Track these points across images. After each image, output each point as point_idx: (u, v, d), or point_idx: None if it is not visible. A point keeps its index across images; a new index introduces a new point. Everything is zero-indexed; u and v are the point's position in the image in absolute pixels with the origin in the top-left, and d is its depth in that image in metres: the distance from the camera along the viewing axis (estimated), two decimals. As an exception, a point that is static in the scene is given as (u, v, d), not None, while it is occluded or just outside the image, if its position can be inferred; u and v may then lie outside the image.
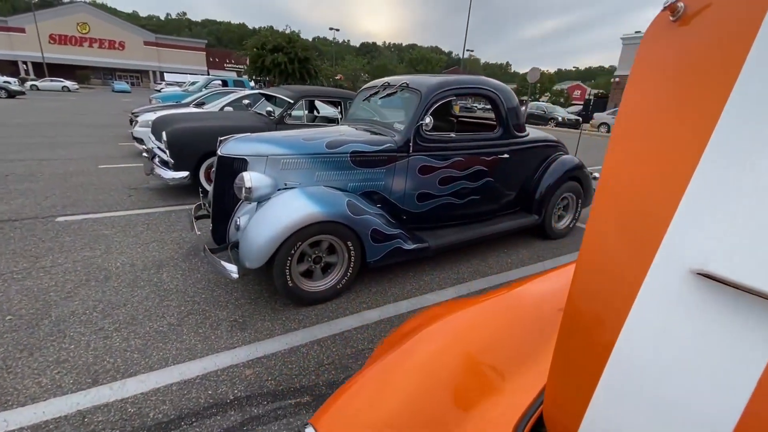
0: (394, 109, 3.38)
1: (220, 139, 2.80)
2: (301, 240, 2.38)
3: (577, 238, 4.10)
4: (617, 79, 25.22)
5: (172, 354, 2.04)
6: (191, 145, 4.57)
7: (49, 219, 3.83)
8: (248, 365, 1.98)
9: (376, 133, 3.02)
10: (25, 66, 45.36)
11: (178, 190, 5.13)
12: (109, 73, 53.71)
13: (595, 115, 21.08)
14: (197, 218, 3.12)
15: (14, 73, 41.49)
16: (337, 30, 50.03)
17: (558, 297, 1.18)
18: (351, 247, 2.58)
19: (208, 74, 50.79)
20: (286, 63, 22.51)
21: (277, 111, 5.16)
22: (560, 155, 3.98)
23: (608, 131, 19.14)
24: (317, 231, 2.42)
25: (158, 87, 35.24)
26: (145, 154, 4.77)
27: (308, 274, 2.60)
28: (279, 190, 2.61)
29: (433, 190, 3.09)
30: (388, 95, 3.29)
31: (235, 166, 2.63)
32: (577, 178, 3.97)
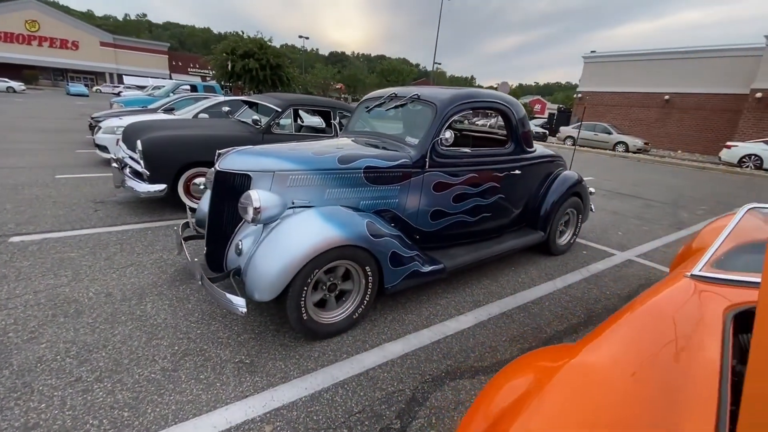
0: (403, 123, 3.19)
1: (218, 152, 2.49)
2: (318, 267, 2.12)
3: (578, 255, 4.07)
4: (579, 95, 26.53)
5: (171, 409, 1.70)
6: (169, 156, 4.16)
7: (0, 239, 3.31)
8: (266, 419, 1.69)
9: (385, 148, 2.82)
10: (-39, 64, 41.52)
11: (152, 204, 4.66)
12: (61, 74, 50.27)
13: (561, 128, 21.99)
14: (186, 239, 2.77)
15: (-51, 71, 37.81)
16: (307, 38, 49.71)
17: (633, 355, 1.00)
18: (369, 273, 2.34)
19: (171, 78, 48.75)
20: (257, 69, 21.86)
21: (264, 120, 4.84)
22: (561, 170, 3.95)
23: (574, 143, 19.99)
24: (336, 256, 2.16)
25: (116, 90, 33.33)
26: (114, 165, 4.29)
27: (321, 304, 2.33)
28: (288, 209, 2.34)
29: (446, 208, 2.91)
30: (396, 107, 3.10)
31: (236, 182, 2.33)
32: (578, 193, 3.95)
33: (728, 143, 16.00)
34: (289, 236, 2.08)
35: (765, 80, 17.92)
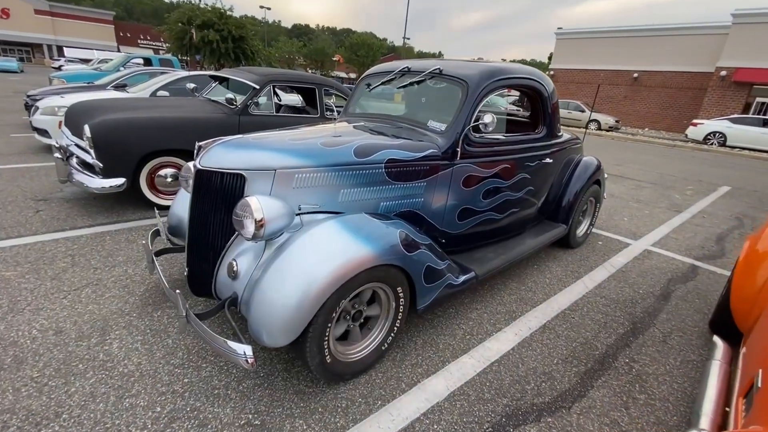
0: (421, 104, 2.69)
1: (199, 144, 1.91)
2: (344, 297, 1.65)
3: (594, 246, 3.80)
4: (552, 73, 26.59)
5: None
6: (127, 144, 3.45)
7: None
8: None
9: (400, 137, 2.33)
10: None
11: (108, 200, 3.94)
12: (-11, 46, 44.73)
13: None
14: (158, 254, 2.19)
15: None
16: (269, 9, 46.66)
17: None
18: (401, 294, 1.89)
19: (119, 50, 44.50)
20: (218, 41, 20.08)
21: (239, 98, 4.16)
22: (581, 156, 3.61)
23: (548, 122, 20.04)
24: (366, 279, 1.70)
25: (55, 64, 29.91)
26: (57, 155, 3.52)
27: (343, 335, 1.87)
28: (297, 216, 1.83)
29: (476, 205, 2.49)
30: (410, 85, 2.59)
31: (225, 184, 1.78)
32: (598, 180, 3.64)
33: (694, 121, 16.52)
34: (305, 258, 1.58)
35: (730, 58, 18.51)
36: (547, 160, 2.85)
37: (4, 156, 5.36)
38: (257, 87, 4.16)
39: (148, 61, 11.79)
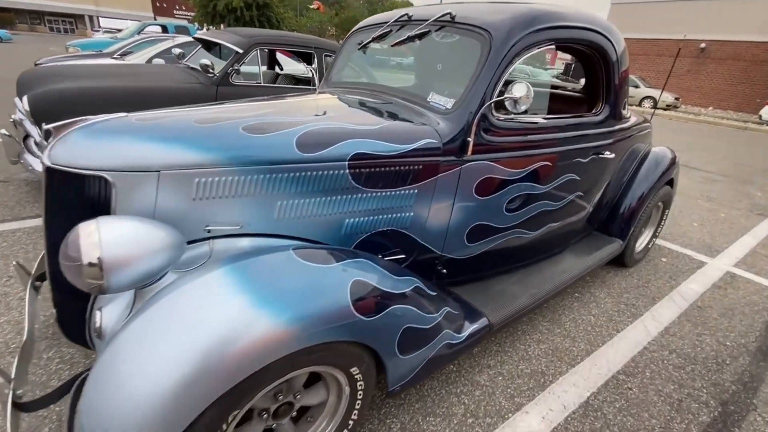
0: (425, 68, 1.90)
1: (46, 127, 1.25)
2: (246, 397, 0.97)
3: (656, 264, 2.90)
4: (602, 43, 23.95)
5: None
6: (69, 117, 2.86)
7: None
8: None
9: (393, 115, 1.56)
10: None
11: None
12: (38, 18, 46.36)
13: (581, 80, 19.93)
14: (39, 280, 1.59)
15: None
16: (303, -25, 44.98)
17: None
18: (358, 377, 1.19)
19: (155, 20, 44.75)
20: (242, 8, 19.26)
21: (220, 65, 3.47)
22: (650, 147, 2.68)
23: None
24: (289, 367, 1.00)
25: (95, 35, 30.36)
26: (4, 131, 3.00)
27: (264, 434, 1.20)
28: (194, 247, 1.16)
29: (495, 220, 1.71)
30: (410, 39, 1.78)
31: (85, 192, 1.11)
32: (672, 180, 2.71)
33: (772, 99, 14.26)
34: (170, 331, 0.90)
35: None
36: (607, 153, 1.98)
37: None
38: (240, 51, 3.45)
39: (165, 29, 11.33)
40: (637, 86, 17.09)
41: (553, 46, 1.54)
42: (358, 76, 2.11)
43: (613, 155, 1.99)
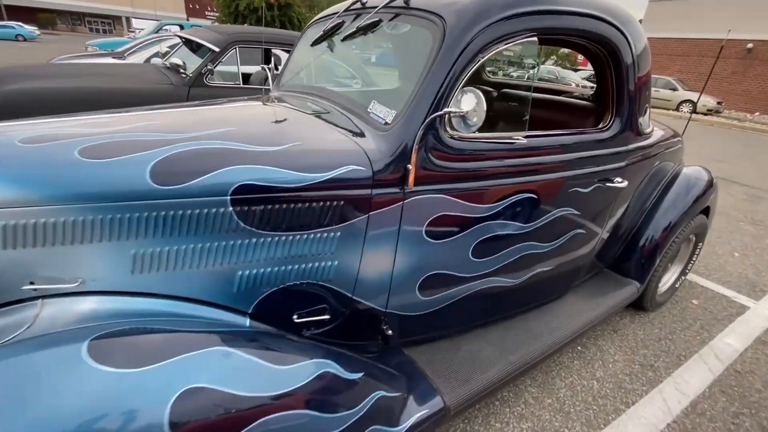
0: (375, 68, 1.51)
1: None
2: None
3: (684, 308, 2.39)
4: (638, 43, 22.62)
5: None
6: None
7: None
8: None
9: (318, 131, 1.18)
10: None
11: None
12: (78, 19, 48.71)
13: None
14: None
15: (-33, 14, 36.75)
16: (330, -23, 45.16)
17: None
18: None
19: (188, 20, 45.98)
20: (263, 8, 19.27)
21: (194, 64, 3.20)
22: (681, 167, 2.19)
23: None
24: None
25: (131, 35, 31.50)
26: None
27: None
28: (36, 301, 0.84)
29: (459, 269, 1.31)
30: (360, 31, 1.39)
31: None
32: (708, 208, 2.20)
33: (830, 105, 12.92)
34: None
35: None
36: (617, 181, 1.52)
37: None
38: (216, 49, 3.17)
39: (182, 29, 11.38)
40: (675, 89, 15.97)
41: (535, 38, 1.12)
42: (309, 79, 1.74)
43: (625, 183, 1.53)
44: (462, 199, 1.18)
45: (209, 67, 3.14)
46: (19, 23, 31.93)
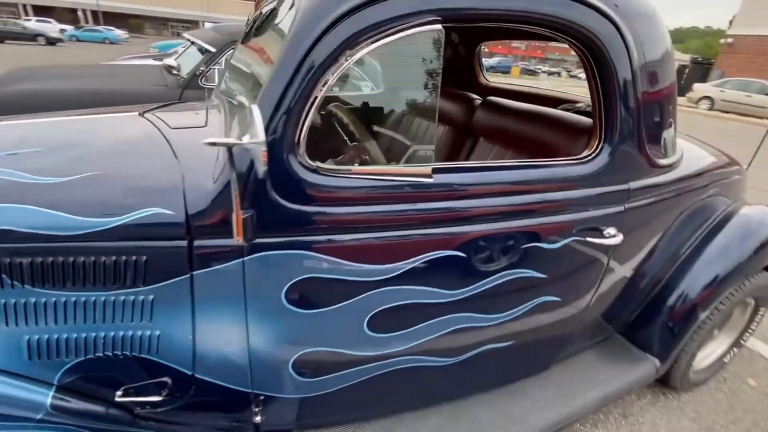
0: (249, 71, 1.19)
1: None
2: None
3: (735, 396, 1.79)
4: (730, 41, 19.85)
5: None
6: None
7: None
8: None
9: (149, 156, 0.90)
10: (83, 14, 46.09)
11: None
12: (163, 23, 53.60)
13: (695, 86, 16.64)
14: None
15: (74, 20, 42.04)
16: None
17: None
18: None
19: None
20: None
21: (189, 66, 3.11)
22: (737, 205, 1.60)
23: (711, 108, 15.03)
24: None
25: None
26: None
27: None
28: None
29: (352, 346, 0.95)
30: (255, 29, 1.09)
31: None
32: (773, 263, 1.60)
33: None
34: None
35: None
36: (607, 234, 1.04)
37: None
38: (213, 50, 3.05)
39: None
40: (769, 94, 13.72)
41: (438, 26, 0.73)
42: (238, 82, 1.47)
43: (619, 237, 1.05)
44: (339, 256, 0.83)
45: (206, 67, 3.03)
46: (109, 27, 35.70)
